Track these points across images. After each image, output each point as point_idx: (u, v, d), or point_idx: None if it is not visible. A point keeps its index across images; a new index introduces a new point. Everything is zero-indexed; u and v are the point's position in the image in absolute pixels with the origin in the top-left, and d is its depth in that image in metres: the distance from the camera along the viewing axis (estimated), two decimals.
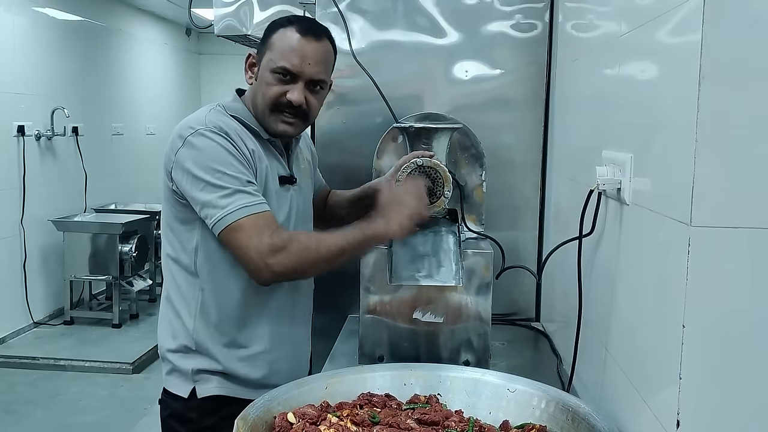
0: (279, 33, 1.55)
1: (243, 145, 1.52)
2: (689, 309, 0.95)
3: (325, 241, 1.50)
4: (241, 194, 1.46)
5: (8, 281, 5.17)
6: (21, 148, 5.23)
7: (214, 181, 1.46)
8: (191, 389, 1.59)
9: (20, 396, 4.24)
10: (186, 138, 1.49)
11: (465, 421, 1.31)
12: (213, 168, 1.46)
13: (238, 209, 1.45)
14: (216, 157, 1.47)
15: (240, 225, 1.45)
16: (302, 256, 1.48)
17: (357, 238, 1.50)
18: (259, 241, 1.44)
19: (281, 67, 1.52)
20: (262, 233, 1.45)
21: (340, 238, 1.50)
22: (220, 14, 2.40)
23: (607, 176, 1.30)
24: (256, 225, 1.45)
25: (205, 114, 1.54)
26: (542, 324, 2.23)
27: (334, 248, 1.49)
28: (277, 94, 1.54)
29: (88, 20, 6.26)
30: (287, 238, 1.47)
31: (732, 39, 0.90)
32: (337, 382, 1.41)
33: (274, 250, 1.44)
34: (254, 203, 1.46)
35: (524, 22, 2.21)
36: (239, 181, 1.47)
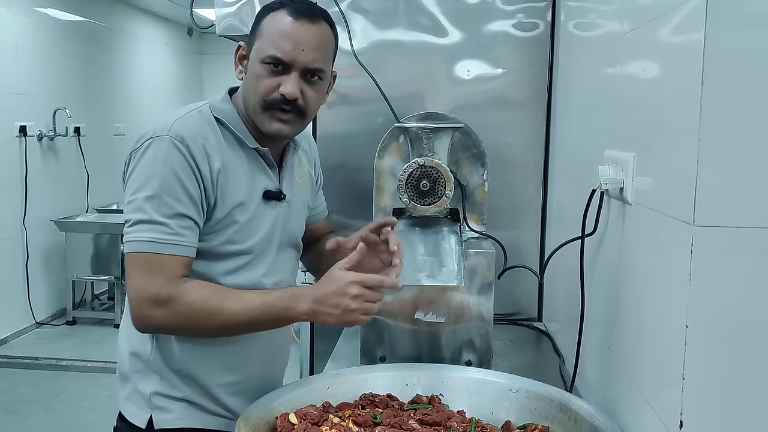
0: (269, 18, 1.34)
1: (206, 163, 1.30)
2: (692, 309, 0.94)
3: (224, 308, 1.28)
4: (159, 226, 1.26)
5: (10, 281, 5.17)
6: (23, 148, 5.23)
7: (140, 201, 1.27)
8: (148, 417, 1.39)
9: (22, 396, 4.24)
10: (144, 142, 1.31)
11: (467, 422, 1.31)
12: (147, 185, 1.27)
13: (144, 241, 1.26)
14: (156, 174, 1.27)
15: (137, 258, 1.27)
16: (186, 318, 1.28)
17: (267, 313, 1.30)
18: (144, 286, 1.26)
19: (271, 56, 1.31)
20: (152, 278, 1.26)
21: (245, 309, 1.29)
22: (221, 14, 2.40)
23: (610, 176, 1.30)
24: (152, 266, 1.26)
25: (177, 117, 1.34)
26: (544, 324, 2.22)
27: (231, 321, 1.29)
28: (268, 88, 1.33)
29: (90, 20, 6.26)
30: (178, 293, 1.26)
31: (734, 37, 0.90)
32: (338, 382, 1.41)
33: (155, 302, 1.26)
34: (167, 241, 1.26)
35: (526, 22, 2.20)
36: (165, 212, 1.26)
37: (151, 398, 1.40)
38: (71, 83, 5.93)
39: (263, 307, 1.30)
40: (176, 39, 8.34)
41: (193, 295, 1.27)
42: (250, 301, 1.30)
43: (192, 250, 1.30)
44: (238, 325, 1.31)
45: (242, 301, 1.30)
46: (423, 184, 1.72)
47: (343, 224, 2.23)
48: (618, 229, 1.32)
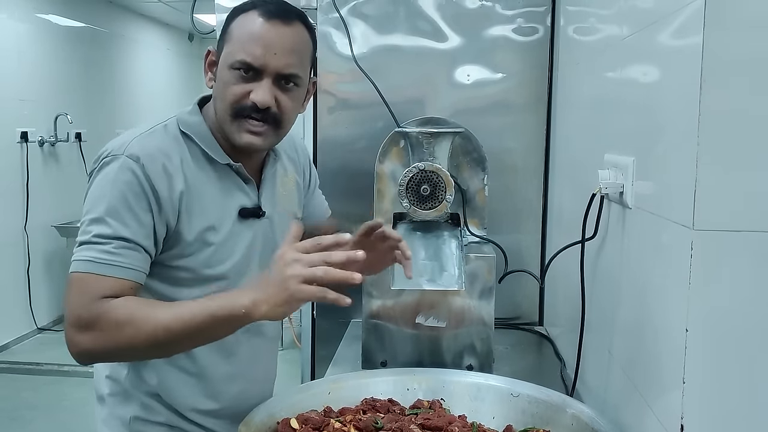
0: (238, 19, 1.25)
1: (165, 185, 1.21)
2: (692, 312, 0.94)
3: (152, 320, 1.12)
4: (97, 246, 1.16)
5: (12, 287, 5.18)
6: (24, 154, 5.24)
7: (86, 223, 1.19)
8: None
9: (24, 402, 4.24)
10: (101, 160, 1.24)
11: (468, 426, 1.31)
12: (95, 208, 1.18)
13: (81, 260, 1.16)
14: (105, 196, 1.19)
15: (73, 279, 1.16)
16: (111, 338, 1.13)
17: (202, 317, 1.11)
18: (73, 308, 1.15)
19: (240, 61, 1.21)
20: (80, 299, 1.14)
21: (175, 316, 1.12)
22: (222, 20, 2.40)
23: (610, 180, 1.30)
24: (84, 287, 1.15)
25: (137, 135, 1.25)
26: (545, 328, 2.22)
27: (161, 332, 1.12)
28: (238, 96, 1.23)
29: (91, 26, 6.28)
30: (99, 314, 1.13)
31: (733, 42, 0.90)
32: (339, 387, 1.41)
33: (80, 326, 1.14)
34: (103, 262, 1.15)
35: (526, 26, 2.21)
36: (106, 233, 1.17)
37: (131, 423, 1.34)
38: (72, 89, 5.94)
39: (198, 309, 1.12)
40: (177, 44, 8.36)
41: (117, 311, 1.13)
42: (184, 306, 1.14)
43: (134, 274, 1.18)
44: (171, 336, 1.12)
45: (174, 308, 1.15)
46: (423, 189, 1.72)
47: (343, 229, 2.24)
48: (618, 233, 1.32)
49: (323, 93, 2.25)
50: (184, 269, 1.27)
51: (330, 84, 2.25)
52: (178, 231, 1.24)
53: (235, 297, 1.12)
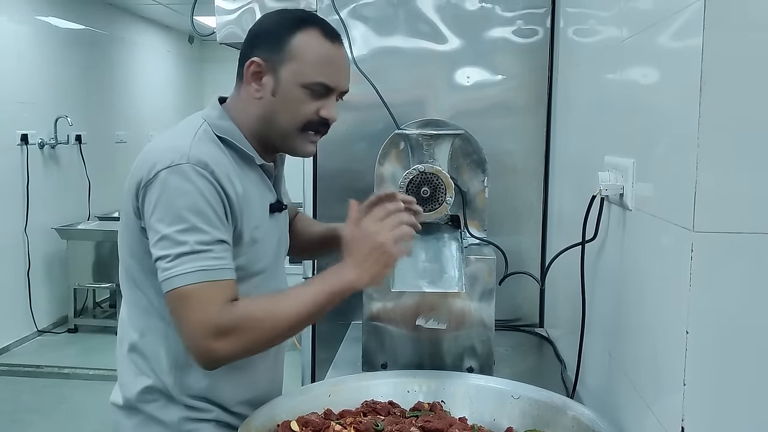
0: (302, 39, 1.29)
1: (231, 187, 1.26)
2: (693, 314, 0.94)
3: (281, 311, 1.24)
4: (202, 255, 1.20)
5: (12, 289, 5.18)
6: (24, 156, 5.25)
7: (176, 234, 1.20)
8: None
9: (24, 404, 4.24)
10: (160, 172, 1.22)
11: (469, 428, 1.31)
12: (180, 217, 1.20)
13: (192, 272, 1.19)
14: (190, 204, 1.21)
15: (188, 292, 1.19)
16: (253, 337, 1.23)
17: (319, 298, 1.25)
18: (203, 318, 1.19)
19: (320, 83, 1.30)
20: (209, 309, 1.19)
21: (300, 303, 1.25)
22: (222, 22, 2.40)
23: (610, 182, 1.30)
24: (206, 296, 1.19)
25: (189, 141, 1.26)
26: (546, 330, 2.22)
27: (294, 318, 1.25)
28: (310, 112, 1.31)
29: (91, 29, 6.28)
30: (237, 316, 1.21)
31: (733, 44, 0.90)
32: (340, 389, 1.41)
33: (219, 333, 1.19)
34: (214, 267, 1.21)
35: (525, 28, 2.21)
36: (206, 239, 1.21)
37: (179, 424, 1.36)
38: (72, 91, 5.94)
39: (317, 291, 1.26)
40: (177, 47, 8.36)
41: (250, 311, 1.23)
42: (302, 291, 1.28)
43: (234, 273, 1.25)
44: (299, 322, 1.27)
45: (294, 298, 1.27)
46: (423, 191, 1.72)
47: None
48: (618, 235, 1.32)
49: None
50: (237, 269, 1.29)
51: None
52: (239, 232, 1.30)
53: (341, 274, 1.27)
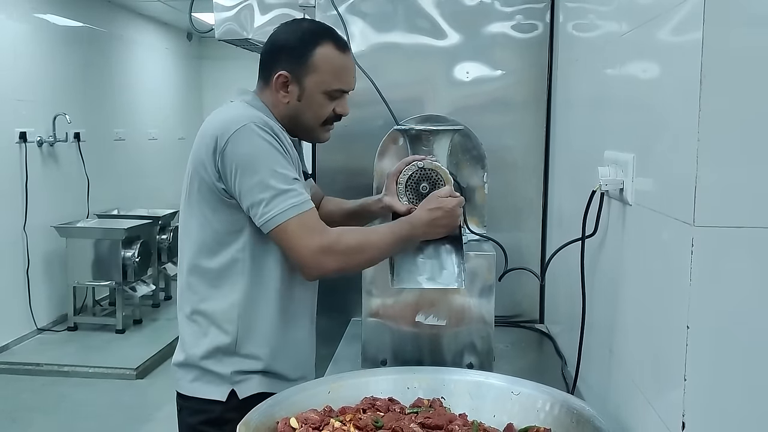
0: (321, 54, 1.58)
1: (285, 140, 1.55)
2: (693, 309, 0.94)
3: (371, 242, 1.57)
4: (289, 194, 1.48)
5: (11, 288, 5.17)
6: (23, 154, 5.24)
7: (265, 179, 1.48)
8: (229, 391, 1.58)
9: (24, 403, 4.24)
10: (232, 134, 1.48)
11: (469, 425, 1.30)
12: (264, 165, 1.48)
13: (287, 209, 1.48)
14: (266, 153, 1.49)
15: (289, 225, 1.48)
16: (350, 257, 1.54)
17: (397, 241, 1.59)
18: (309, 242, 1.49)
19: (340, 90, 1.61)
20: (311, 234, 1.50)
21: (385, 239, 1.58)
22: (220, 18, 2.40)
23: (610, 177, 1.30)
24: (305, 225, 1.49)
25: (244, 111, 1.55)
26: (546, 326, 2.22)
27: (377, 250, 1.58)
28: (330, 112, 1.62)
29: (89, 26, 6.27)
30: (335, 238, 1.52)
31: (733, 37, 0.90)
32: (339, 386, 1.40)
33: (323, 251, 1.50)
34: (301, 202, 1.49)
35: (525, 23, 2.20)
36: (287, 180, 1.49)
37: (232, 376, 1.59)
38: (71, 89, 5.93)
39: (394, 236, 1.59)
40: (176, 44, 8.35)
41: (347, 238, 1.54)
42: (384, 233, 1.61)
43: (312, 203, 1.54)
44: (381, 254, 1.60)
45: (380, 234, 1.60)
46: (423, 187, 1.72)
47: None
48: (618, 230, 1.32)
49: None
50: None
51: None
52: None
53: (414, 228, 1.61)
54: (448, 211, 1.62)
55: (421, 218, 1.61)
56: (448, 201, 1.62)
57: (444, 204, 1.62)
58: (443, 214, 1.61)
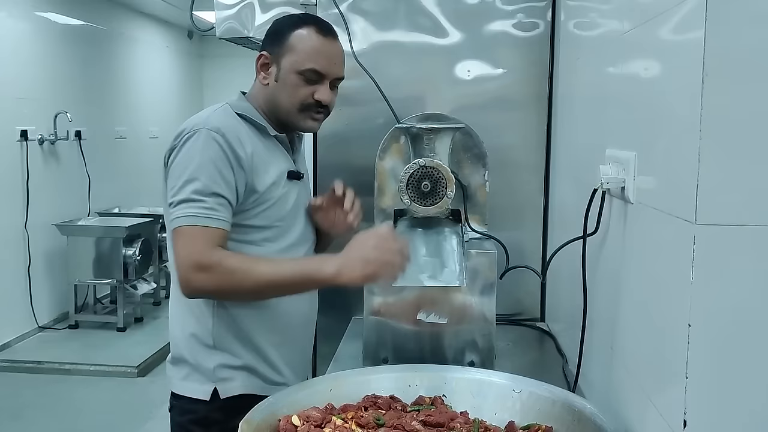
0: (298, 34, 1.55)
1: (241, 148, 1.50)
2: (695, 307, 0.94)
3: (257, 271, 1.45)
4: (196, 204, 1.44)
5: (13, 286, 5.17)
6: (24, 152, 5.24)
7: (182, 184, 1.46)
8: (212, 390, 1.57)
9: (25, 400, 4.24)
10: (183, 138, 1.50)
11: (470, 423, 1.31)
12: (188, 170, 1.46)
13: (186, 216, 1.44)
14: (196, 160, 1.46)
15: (181, 232, 1.45)
16: (225, 280, 1.44)
17: (296, 275, 1.46)
18: (188, 254, 1.43)
19: (310, 69, 1.54)
20: (194, 246, 1.43)
21: (275, 271, 1.46)
22: (221, 17, 2.40)
23: (611, 175, 1.30)
24: (193, 237, 1.44)
25: (208, 114, 1.54)
26: (547, 324, 2.22)
27: (263, 281, 1.46)
28: (305, 95, 1.56)
29: (90, 24, 6.27)
30: (217, 259, 1.43)
31: (735, 35, 0.90)
32: (341, 384, 1.41)
33: (198, 268, 1.43)
34: (205, 215, 1.44)
35: (526, 21, 2.20)
36: (203, 191, 1.45)
37: (215, 371, 1.58)
38: (72, 87, 5.93)
39: (293, 269, 1.47)
40: (176, 42, 8.34)
41: (230, 260, 1.45)
42: (281, 264, 1.50)
43: (225, 224, 1.47)
44: (270, 286, 1.47)
45: (274, 264, 1.49)
46: (424, 185, 1.72)
47: None
48: (620, 228, 1.32)
49: None
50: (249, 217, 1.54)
51: None
52: (252, 185, 1.52)
53: (324, 263, 1.44)
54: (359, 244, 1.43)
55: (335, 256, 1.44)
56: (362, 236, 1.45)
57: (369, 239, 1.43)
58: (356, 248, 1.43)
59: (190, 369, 1.60)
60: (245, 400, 1.52)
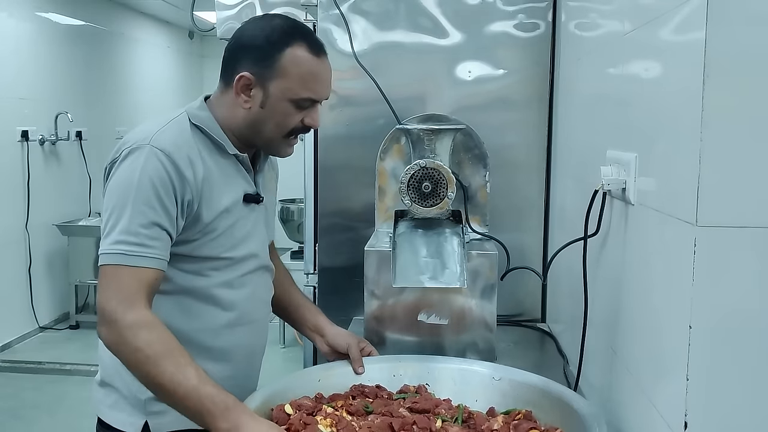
0: (290, 57, 1.36)
1: (190, 170, 1.33)
2: (696, 309, 0.94)
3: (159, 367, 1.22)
4: (129, 236, 1.26)
5: (14, 286, 5.18)
6: (25, 153, 5.24)
7: (112, 212, 1.29)
8: (143, 424, 1.40)
9: (26, 401, 4.24)
10: (122, 152, 1.33)
11: (454, 409, 1.36)
12: (123, 195, 1.29)
13: (114, 253, 1.26)
14: (133, 183, 1.29)
15: (106, 271, 1.27)
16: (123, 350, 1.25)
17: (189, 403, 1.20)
18: (101, 300, 1.26)
19: (308, 99, 1.39)
20: (110, 293, 1.25)
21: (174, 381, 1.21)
22: (222, 17, 2.40)
23: (612, 176, 1.30)
24: (114, 280, 1.26)
25: (157, 128, 1.35)
26: (548, 325, 2.22)
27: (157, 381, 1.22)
28: (296, 122, 1.40)
29: (91, 25, 6.27)
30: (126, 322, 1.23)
31: (736, 36, 0.90)
32: (329, 374, 1.48)
33: (103, 319, 1.25)
34: (136, 254, 1.26)
35: (527, 22, 2.20)
36: (139, 220, 1.27)
37: (146, 404, 1.40)
38: (73, 87, 5.93)
39: (192, 396, 1.20)
40: (177, 42, 8.34)
41: (142, 335, 1.23)
42: (187, 378, 1.21)
43: (160, 263, 1.30)
44: (161, 389, 1.23)
45: (179, 373, 1.21)
46: (425, 186, 1.72)
47: (344, 227, 2.23)
48: (620, 229, 1.32)
49: None
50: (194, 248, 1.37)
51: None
52: (198, 214, 1.35)
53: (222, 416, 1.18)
54: None
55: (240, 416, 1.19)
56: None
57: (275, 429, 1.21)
58: None
59: (118, 396, 1.44)
60: None
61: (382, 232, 1.87)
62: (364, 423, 1.27)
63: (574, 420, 1.25)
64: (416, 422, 1.26)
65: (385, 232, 1.85)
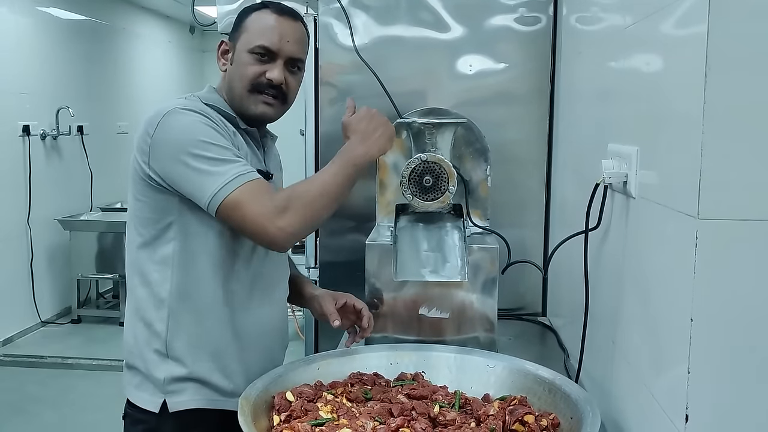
0: (253, 16, 1.50)
1: (223, 126, 1.44)
2: (697, 302, 0.94)
3: (318, 183, 1.41)
4: (230, 164, 1.36)
5: (15, 281, 5.19)
6: (26, 147, 5.24)
7: (201, 153, 1.35)
8: (162, 402, 1.46)
9: (28, 395, 4.25)
10: (160, 119, 1.39)
11: (451, 395, 1.39)
12: (197, 140, 1.36)
13: (231, 180, 1.34)
14: (197, 129, 1.38)
15: (237, 197, 1.34)
16: (306, 208, 1.37)
17: (342, 167, 1.42)
18: (262, 207, 1.34)
19: (260, 46, 1.47)
20: (262, 199, 1.35)
21: (329, 176, 1.41)
22: (223, 11, 2.40)
23: (613, 169, 1.29)
24: (253, 192, 1.35)
25: (176, 102, 1.45)
26: (549, 319, 2.22)
27: (329, 186, 1.40)
28: (256, 74, 1.47)
29: (92, 19, 6.26)
30: (285, 196, 1.37)
31: (738, 29, 0.89)
32: (328, 363, 1.49)
33: (281, 211, 1.34)
34: (246, 171, 1.36)
35: (528, 16, 2.20)
36: (223, 151, 1.37)
37: (165, 384, 1.47)
38: (74, 82, 5.93)
39: (337, 164, 1.43)
40: (178, 37, 8.34)
41: (300, 188, 1.40)
42: (327, 171, 1.43)
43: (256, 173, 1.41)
44: (334, 191, 1.41)
45: (324, 174, 1.42)
46: (426, 180, 1.72)
47: (345, 221, 2.24)
48: (622, 223, 1.32)
49: (325, 84, 2.25)
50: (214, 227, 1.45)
51: (331, 75, 2.24)
52: None
53: (351, 149, 1.45)
54: (372, 117, 1.50)
55: (353, 139, 1.47)
56: (364, 110, 1.51)
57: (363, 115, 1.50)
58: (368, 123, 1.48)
59: (142, 377, 1.49)
60: (197, 414, 1.47)
61: (383, 226, 1.87)
62: (364, 409, 1.30)
63: (567, 404, 1.28)
64: (415, 408, 1.29)
65: (386, 226, 1.85)
